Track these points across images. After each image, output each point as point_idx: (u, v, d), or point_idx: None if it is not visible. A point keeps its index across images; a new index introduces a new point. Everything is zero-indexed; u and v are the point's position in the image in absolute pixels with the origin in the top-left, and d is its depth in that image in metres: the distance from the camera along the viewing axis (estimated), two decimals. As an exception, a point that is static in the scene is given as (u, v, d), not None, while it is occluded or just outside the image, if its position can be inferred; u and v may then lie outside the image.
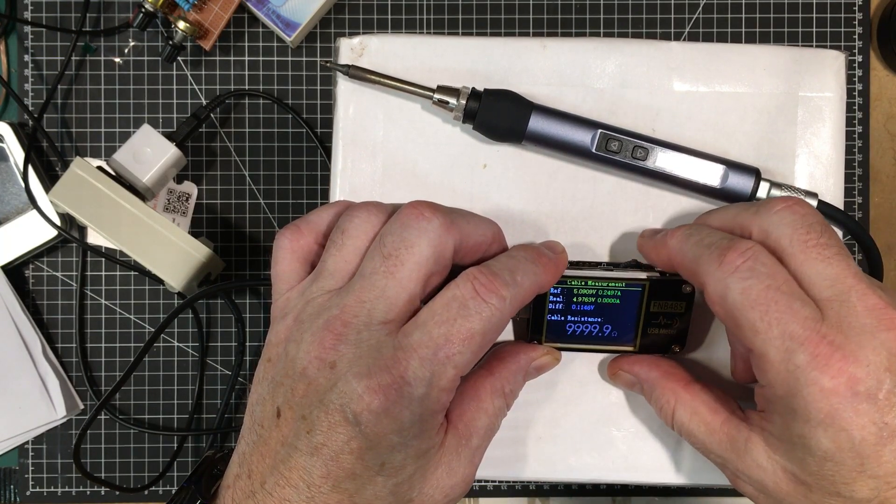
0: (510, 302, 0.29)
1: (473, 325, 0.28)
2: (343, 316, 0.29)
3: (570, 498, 0.50)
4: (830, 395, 0.26)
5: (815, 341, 0.27)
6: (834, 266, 0.28)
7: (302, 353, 0.29)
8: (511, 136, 0.35)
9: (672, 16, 0.50)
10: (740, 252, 0.29)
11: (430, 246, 0.29)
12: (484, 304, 0.28)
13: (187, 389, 0.50)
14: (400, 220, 0.30)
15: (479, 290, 0.29)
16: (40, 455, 0.50)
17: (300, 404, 0.28)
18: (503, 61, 0.36)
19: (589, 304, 0.34)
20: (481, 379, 0.32)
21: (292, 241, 0.32)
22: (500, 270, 0.30)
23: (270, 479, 0.28)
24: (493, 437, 0.32)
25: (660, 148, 0.35)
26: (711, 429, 0.31)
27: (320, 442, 0.28)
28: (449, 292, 0.29)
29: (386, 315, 0.29)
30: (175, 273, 0.46)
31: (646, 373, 0.34)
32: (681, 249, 0.31)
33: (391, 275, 0.29)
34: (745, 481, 0.31)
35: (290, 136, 0.50)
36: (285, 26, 0.47)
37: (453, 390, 0.29)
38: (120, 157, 0.46)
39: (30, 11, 0.50)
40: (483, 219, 0.32)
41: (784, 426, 0.28)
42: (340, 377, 0.28)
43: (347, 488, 0.28)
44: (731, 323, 0.29)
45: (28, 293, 0.50)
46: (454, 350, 0.28)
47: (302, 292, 0.31)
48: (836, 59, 0.36)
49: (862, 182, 0.50)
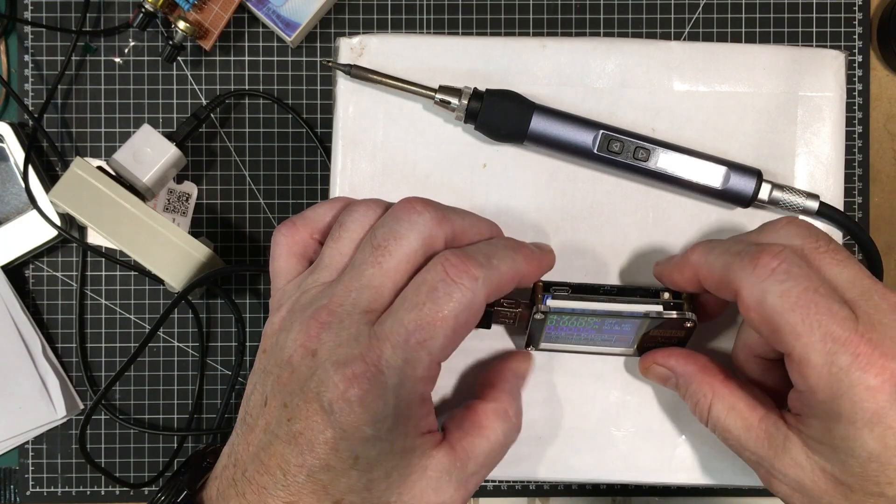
0: (483, 282, 0.28)
1: (444, 308, 0.28)
2: (330, 305, 0.29)
3: (570, 498, 0.50)
4: (877, 393, 0.26)
5: (856, 341, 0.26)
6: (848, 269, 0.28)
7: (290, 341, 0.29)
8: (513, 137, 0.35)
9: (672, 16, 0.50)
10: (773, 254, 0.28)
11: (420, 238, 0.29)
12: (454, 286, 0.28)
13: (187, 389, 0.50)
14: (392, 213, 0.30)
15: (450, 271, 0.28)
16: (40, 455, 0.50)
17: (283, 391, 0.28)
18: (503, 61, 0.36)
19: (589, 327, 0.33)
20: (482, 404, 0.32)
21: (288, 236, 0.32)
22: (474, 253, 0.29)
23: (251, 467, 0.28)
24: (495, 465, 0.31)
25: (661, 149, 0.35)
26: (749, 425, 0.31)
27: (298, 430, 0.28)
28: (419, 277, 0.29)
29: (370, 304, 0.29)
30: (175, 273, 0.46)
31: (682, 367, 0.33)
32: (706, 262, 0.31)
33: (378, 264, 0.29)
34: (781, 480, 0.30)
35: (290, 136, 0.50)
36: (285, 26, 0.47)
37: (431, 379, 0.29)
38: (120, 157, 0.46)
39: (30, 11, 0.50)
40: (481, 218, 0.32)
41: (824, 430, 0.28)
42: (319, 365, 0.28)
43: (321, 479, 0.28)
44: (767, 328, 0.28)
45: (28, 293, 0.50)
46: (425, 335, 0.27)
47: (298, 284, 0.31)
48: (835, 59, 0.36)
49: (862, 182, 0.50)
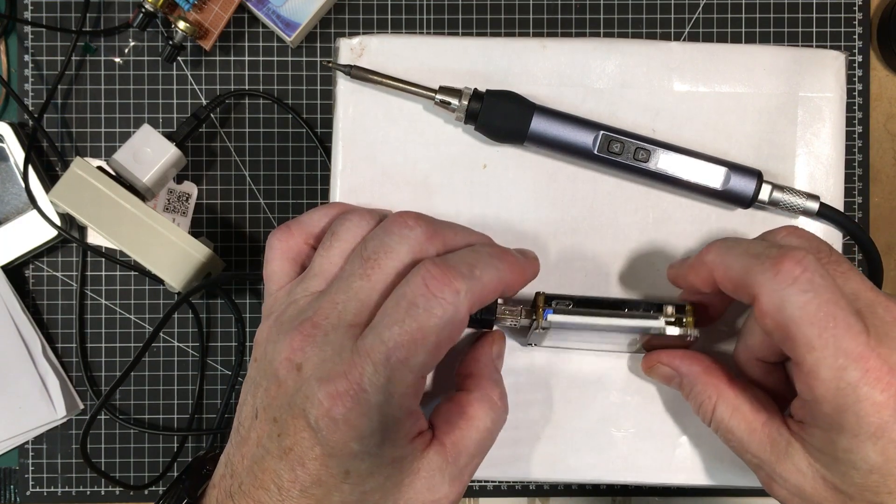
0: (466, 295, 0.27)
1: (424, 325, 0.27)
2: (315, 318, 0.28)
3: (570, 498, 0.50)
4: (882, 408, 0.26)
5: (867, 356, 0.26)
6: (852, 281, 0.28)
7: (276, 353, 0.29)
8: (513, 137, 0.35)
9: (672, 16, 0.50)
10: (796, 261, 0.27)
11: (410, 252, 0.29)
12: (434, 301, 0.27)
13: (187, 389, 0.50)
14: (384, 226, 0.30)
15: (430, 284, 0.27)
16: (40, 455, 0.50)
17: (272, 406, 0.28)
18: (503, 61, 0.36)
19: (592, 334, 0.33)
20: (466, 396, 0.31)
21: (283, 241, 0.32)
22: (456, 263, 0.28)
23: (247, 480, 0.28)
24: (488, 450, 0.31)
25: (662, 150, 0.35)
26: (752, 428, 0.30)
27: (288, 446, 0.27)
28: (399, 290, 0.28)
29: (355, 317, 0.28)
30: (175, 273, 0.46)
31: (686, 367, 0.32)
32: (723, 262, 0.29)
33: (367, 277, 0.28)
34: (781, 485, 0.30)
35: (290, 136, 0.50)
36: (285, 26, 0.47)
37: (417, 394, 0.28)
38: (120, 157, 0.46)
39: (30, 11, 0.50)
40: (473, 232, 0.32)
41: (827, 440, 0.28)
42: (304, 381, 0.27)
43: (315, 494, 0.27)
44: (781, 334, 0.27)
45: (28, 293, 0.50)
46: (406, 353, 0.27)
47: (289, 292, 0.31)
48: (835, 60, 0.36)
49: (862, 182, 0.50)
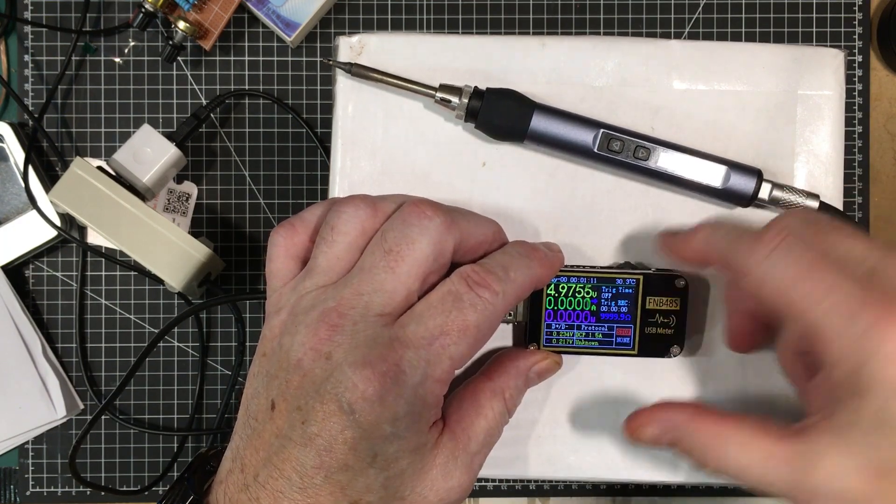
0: (503, 297, 0.30)
1: (468, 318, 0.29)
2: (339, 308, 0.29)
3: (570, 498, 0.50)
4: None
5: (876, 297, 0.25)
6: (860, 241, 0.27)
7: (297, 344, 0.29)
8: (513, 136, 0.35)
9: (672, 15, 0.50)
10: (777, 231, 0.28)
11: (431, 244, 0.29)
12: (478, 298, 0.29)
13: (187, 389, 0.50)
14: (402, 216, 0.30)
15: (473, 285, 0.29)
16: (40, 455, 0.50)
17: (295, 395, 0.28)
18: (502, 60, 0.36)
19: (586, 308, 0.34)
20: (480, 384, 0.32)
21: (286, 238, 0.32)
22: (493, 267, 0.30)
23: (263, 472, 0.28)
24: (493, 444, 0.32)
25: (662, 148, 0.35)
26: (769, 453, 0.27)
27: (314, 432, 0.28)
28: (444, 287, 0.30)
29: (383, 308, 0.29)
30: (175, 273, 0.46)
31: (670, 416, 0.30)
32: (711, 240, 0.31)
33: (391, 269, 0.29)
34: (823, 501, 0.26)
35: (290, 136, 0.50)
36: (285, 26, 0.47)
37: (447, 383, 0.29)
38: (120, 157, 0.46)
39: (30, 11, 0.50)
40: (483, 218, 0.32)
41: (854, 412, 0.25)
42: (336, 367, 0.28)
43: (339, 480, 0.28)
44: (779, 303, 0.27)
45: (28, 293, 0.50)
46: (449, 341, 0.28)
47: (294, 287, 0.31)
48: (835, 58, 0.36)
49: (862, 182, 0.50)
